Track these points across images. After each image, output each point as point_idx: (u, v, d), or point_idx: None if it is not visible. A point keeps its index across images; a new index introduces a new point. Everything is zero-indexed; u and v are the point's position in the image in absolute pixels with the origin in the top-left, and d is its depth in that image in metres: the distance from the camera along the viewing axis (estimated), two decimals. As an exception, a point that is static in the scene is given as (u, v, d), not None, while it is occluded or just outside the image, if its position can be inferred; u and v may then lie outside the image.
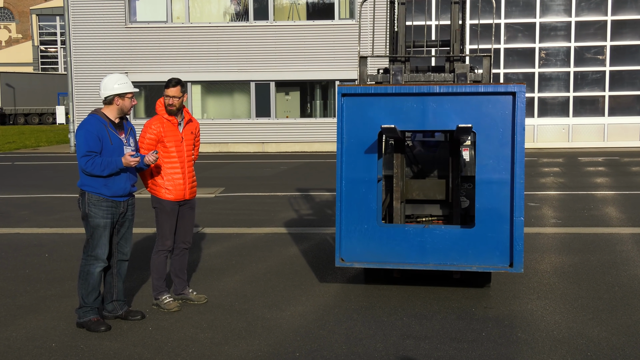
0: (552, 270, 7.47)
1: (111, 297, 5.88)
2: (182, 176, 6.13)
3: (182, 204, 6.20)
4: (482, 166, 6.16)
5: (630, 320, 5.83)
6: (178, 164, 6.11)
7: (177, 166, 6.11)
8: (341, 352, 5.15)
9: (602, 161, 19.60)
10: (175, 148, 6.10)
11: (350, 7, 24.28)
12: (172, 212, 6.15)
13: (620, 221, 10.42)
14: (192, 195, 6.29)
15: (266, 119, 24.60)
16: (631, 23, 23.66)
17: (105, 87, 5.66)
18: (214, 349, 5.25)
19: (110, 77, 5.73)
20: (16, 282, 7.17)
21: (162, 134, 6.03)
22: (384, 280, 6.92)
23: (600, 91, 23.94)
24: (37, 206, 12.35)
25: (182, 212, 6.22)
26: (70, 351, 5.21)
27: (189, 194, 6.22)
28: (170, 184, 6.10)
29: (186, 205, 6.25)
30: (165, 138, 6.05)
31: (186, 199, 6.20)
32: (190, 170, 6.23)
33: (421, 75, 6.87)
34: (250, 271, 7.58)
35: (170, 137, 6.06)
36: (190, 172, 6.23)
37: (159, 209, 6.16)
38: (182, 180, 6.14)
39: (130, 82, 5.82)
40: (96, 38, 24.45)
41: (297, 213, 11.36)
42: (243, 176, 16.96)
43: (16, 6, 73.02)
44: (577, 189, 14.07)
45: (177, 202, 6.16)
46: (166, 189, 6.10)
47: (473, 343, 5.33)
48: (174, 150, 6.08)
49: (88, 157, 5.51)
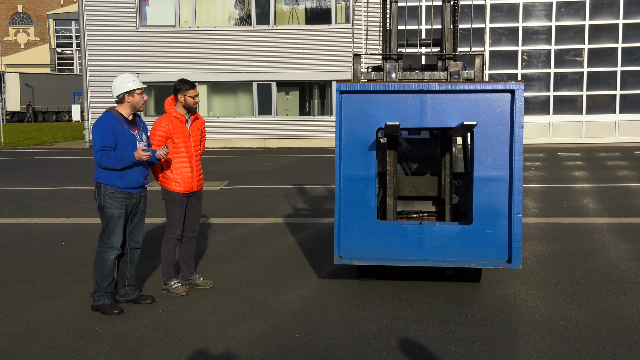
0: (534, 258, 7.47)
1: (124, 282, 5.88)
2: (190, 170, 6.13)
3: (190, 196, 6.20)
4: (480, 163, 5.85)
5: (606, 304, 5.84)
6: (186, 158, 6.11)
7: (186, 160, 6.10)
8: (337, 334, 5.15)
9: (580, 156, 19.60)
10: (184, 143, 6.09)
11: (346, 13, 24.22)
12: (181, 203, 6.14)
13: (596, 212, 10.43)
14: (200, 187, 6.27)
15: (268, 116, 24.56)
16: (607, 27, 23.62)
17: (116, 87, 5.66)
18: (219, 330, 5.25)
19: (119, 77, 5.72)
20: (35, 269, 7.16)
21: (170, 130, 6.02)
22: (377, 276, 6.57)
23: (579, 91, 23.92)
24: (54, 198, 12.33)
25: (190, 203, 6.22)
26: (86, 333, 5.20)
27: (197, 186, 6.21)
28: (180, 177, 6.09)
29: (194, 197, 6.24)
30: (174, 134, 6.04)
31: (194, 190, 6.19)
32: (197, 164, 6.21)
33: (414, 74, 6.53)
34: (253, 258, 7.58)
35: (178, 134, 6.06)
36: (197, 165, 6.21)
37: (169, 200, 6.15)
38: (190, 173, 6.13)
39: (138, 79, 5.79)
40: (109, 41, 24.37)
41: (297, 204, 11.35)
42: (246, 170, 16.94)
43: (34, 11, 72.76)
44: (556, 181, 14.07)
45: (185, 194, 6.15)
46: (175, 181, 6.09)
47: (460, 325, 5.33)
48: (182, 146, 6.07)
49: (103, 151, 5.52)
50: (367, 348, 4.87)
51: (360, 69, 6.54)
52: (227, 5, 24.78)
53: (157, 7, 24.59)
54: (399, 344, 4.93)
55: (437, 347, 4.88)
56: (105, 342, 4.99)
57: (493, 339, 5.03)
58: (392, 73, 6.42)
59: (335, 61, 23.63)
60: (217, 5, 24.73)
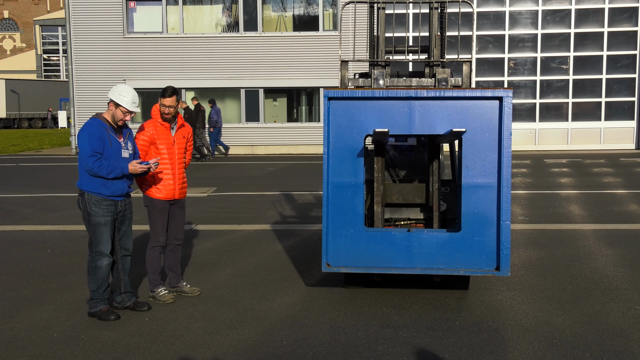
0: (520, 264, 7.50)
1: (119, 289, 5.87)
2: (172, 177, 6.10)
3: (172, 203, 6.18)
4: (468, 170, 5.81)
5: (592, 310, 5.87)
6: (169, 165, 6.08)
7: (168, 167, 6.07)
8: (325, 341, 5.14)
9: (566, 163, 19.72)
10: (167, 150, 6.07)
11: (334, 20, 24.28)
12: (163, 210, 6.12)
13: (582, 218, 10.49)
14: (182, 195, 6.25)
15: (255, 123, 24.53)
16: (592, 35, 23.83)
17: (113, 91, 5.59)
18: (206, 338, 5.23)
19: (123, 86, 5.66)
20: (20, 276, 7.10)
21: (154, 136, 6.02)
22: (365, 284, 6.52)
23: (564, 98, 24.09)
24: (40, 205, 12.24)
25: (172, 211, 6.20)
26: (72, 341, 5.16)
27: (179, 194, 6.18)
28: (161, 184, 6.07)
29: (176, 205, 6.22)
30: (158, 140, 6.03)
31: (176, 198, 6.17)
32: (180, 172, 6.18)
33: (402, 80, 6.48)
34: (240, 265, 7.56)
35: (162, 140, 6.04)
36: (180, 173, 6.18)
37: (151, 208, 6.13)
38: (172, 180, 6.11)
39: (136, 102, 5.61)
40: (96, 47, 24.27)
41: (284, 211, 11.33)
42: (234, 176, 16.90)
43: (20, 17, 72.36)
44: (543, 188, 14.15)
45: (167, 201, 6.13)
46: (157, 188, 6.08)
47: (447, 331, 5.34)
48: (165, 152, 6.05)
49: (94, 157, 5.48)
50: (354, 355, 4.86)
51: (347, 76, 6.51)
52: (215, 12, 24.77)
53: (144, 13, 24.53)
54: (386, 351, 4.93)
55: (425, 353, 4.89)
56: (92, 350, 4.96)
57: (480, 345, 5.05)
58: (379, 79, 6.39)
59: (322, 68, 23.66)
60: (204, 12, 24.72)
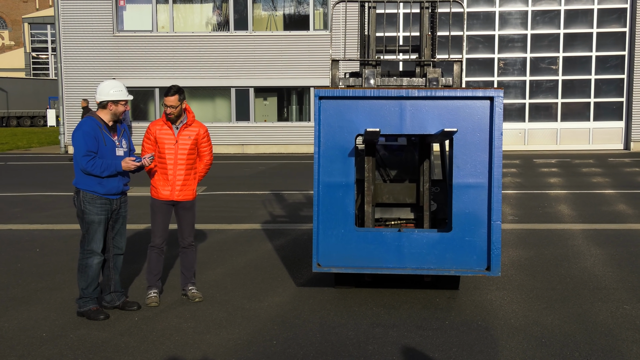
0: (510, 263, 7.53)
1: (109, 288, 5.84)
2: (168, 177, 5.98)
3: (174, 205, 6.08)
4: (459, 170, 5.80)
5: (581, 309, 5.90)
6: (166, 164, 5.99)
7: (165, 166, 5.98)
8: (315, 340, 5.14)
9: (555, 163, 19.82)
10: (167, 150, 5.96)
11: (324, 19, 24.28)
12: (159, 210, 6.03)
13: (571, 218, 10.54)
14: (185, 197, 6.04)
15: (246, 122, 24.49)
16: (581, 36, 23.95)
17: (101, 93, 5.59)
18: (196, 337, 5.21)
19: (107, 83, 5.64)
20: (8, 275, 7.05)
21: (156, 135, 5.96)
22: (355, 284, 6.50)
23: (554, 98, 24.21)
24: (28, 204, 12.17)
25: (177, 214, 6.10)
26: (60, 340, 5.14)
27: (177, 195, 6.00)
28: (159, 184, 6.01)
29: (180, 207, 6.08)
30: (159, 139, 5.97)
31: (175, 199, 6.01)
32: (181, 173, 5.98)
33: (393, 80, 6.46)
34: (230, 265, 7.54)
35: (163, 139, 5.96)
36: (180, 174, 5.97)
37: (150, 206, 6.10)
38: (169, 180, 5.99)
39: (125, 89, 5.69)
40: (85, 46, 24.15)
41: (275, 211, 11.32)
42: (224, 176, 16.86)
43: (9, 15, 71.91)
44: (532, 188, 14.21)
45: (166, 202, 6.02)
46: (155, 188, 6.03)
47: (437, 331, 5.35)
48: (164, 151, 5.98)
49: (89, 156, 5.47)
50: (344, 354, 4.86)
51: (338, 75, 6.50)
52: (205, 11, 24.72)
53: (134, 12, 24.43)
54: (376, 350, 4.93)
55: (415, 353, 4.90)
56: (80, 350, 4.93)
57: (470, 344, 5.06)
58: (370, 79, 6.37)
59: (313, 67, 23.65)
60: (194, 11, 24.65)
